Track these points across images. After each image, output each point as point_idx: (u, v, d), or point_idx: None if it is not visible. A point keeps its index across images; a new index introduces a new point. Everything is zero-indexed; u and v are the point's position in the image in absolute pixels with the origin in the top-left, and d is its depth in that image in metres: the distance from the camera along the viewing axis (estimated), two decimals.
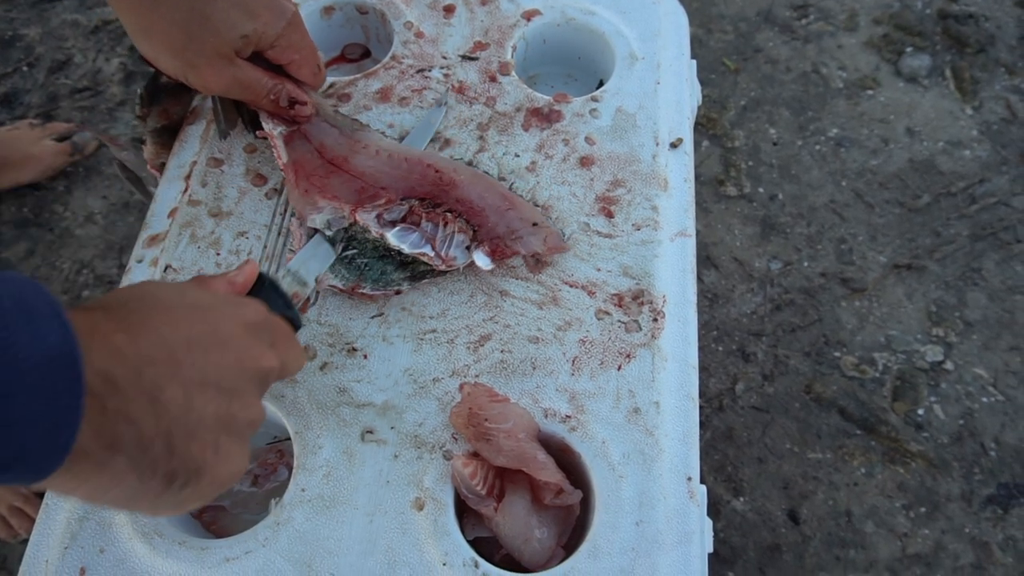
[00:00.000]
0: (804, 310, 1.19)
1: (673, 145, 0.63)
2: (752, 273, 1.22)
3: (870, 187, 1.29)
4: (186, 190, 0.61)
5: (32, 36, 1.44)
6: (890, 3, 1.48)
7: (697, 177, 1.30)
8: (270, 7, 0.54)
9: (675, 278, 0.57)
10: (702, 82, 0.70)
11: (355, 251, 0.55)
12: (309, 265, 0.53)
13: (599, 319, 0.55)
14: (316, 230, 0.56)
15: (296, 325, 0.46)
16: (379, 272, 0.55)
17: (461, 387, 0.52)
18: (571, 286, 0.56)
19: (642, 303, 0.55)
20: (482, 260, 0.55)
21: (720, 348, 1.16)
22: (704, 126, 1.35)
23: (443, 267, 0.55)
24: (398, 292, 0.55)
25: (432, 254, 0.54)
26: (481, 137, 0.63)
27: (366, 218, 0.55)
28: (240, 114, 0.63)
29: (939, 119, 1.36)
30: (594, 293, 0.56)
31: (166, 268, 0.57)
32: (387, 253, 0.55)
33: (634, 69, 0.67)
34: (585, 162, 0.62)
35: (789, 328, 1.17)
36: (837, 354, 1.15)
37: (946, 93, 1.38)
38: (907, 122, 1.35)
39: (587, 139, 0.63)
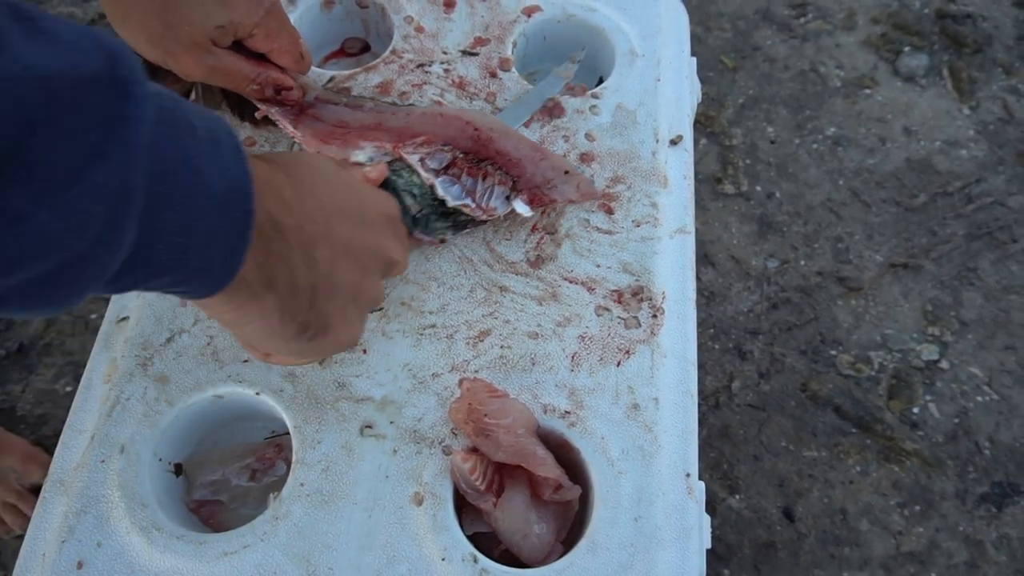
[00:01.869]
0: (800, 308, 1.19)
1: (673, 142, 0.63)
2: (749, 271, 1.22)
3: (867, 186, 1.30)
4: None
5: None
6: (888, 2, 1.48)
7: (695, 175, 1.30)
8: None
9: (674, 275, 0.57)
10: (700, 80, 0.70)
11: (403, 181, 0.54)
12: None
13: (599, 315, 0.55)
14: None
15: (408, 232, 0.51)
16: (425, 220, 0.55)
17: (460, 382, 0.52)
18: (571, 282, 0.56)
19: (641, 299, 0.55)
20: (522, 208, 0.57)
21: (717, 346, 1.16)
22: (702, 124, 1.35)
23: (483, 216, 0.55)
24: (442, 241, 0.56)
25: (473, 205, 0.55)
26: None
27: (410, 157, 0.55)
28: (225, 97, 0.62)
29: (936, 119, 1.36)
30: (594, 289, 0.56)
31: None
32: (432, 202, 0.55)
33: (634, 66, 0.67)
34: (585, 158, 0.62)
35: (785, 326, 1.17)
36: (833, 352, 1.15)
37: (943, 93, 1.39)
38: (904, 121, 1.36)
39: (587, 136, 0.63)
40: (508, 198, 0.56)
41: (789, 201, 1.28)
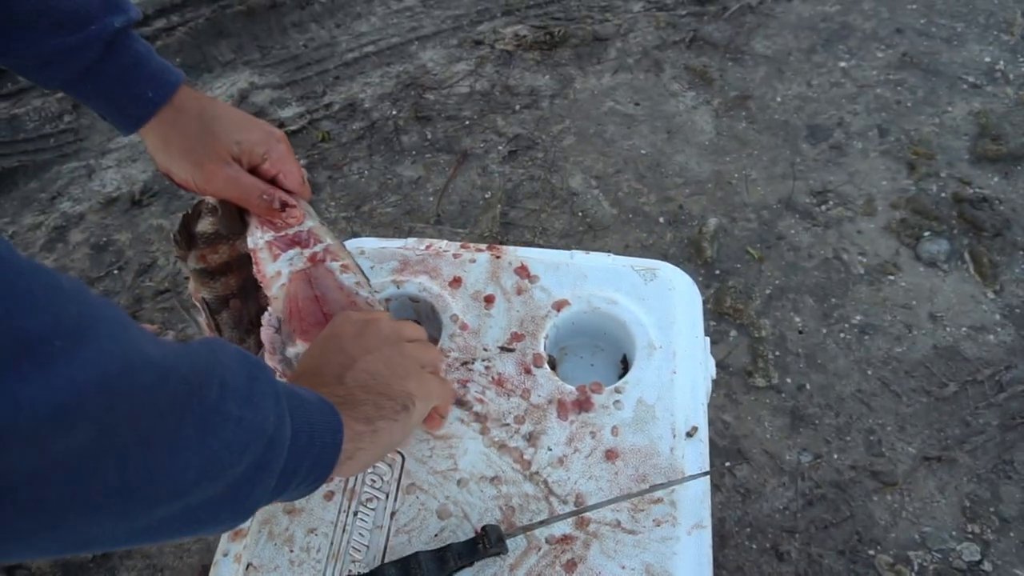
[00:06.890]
0: (836, 505, 1.22)
1: (689, 434, 0.71)
2: (783, 466, 1.26)
3: (896, 375, 1.34)
4: None
5: (123, 241, 1.62)
6: (906, 188, 1.57)
7: (726, 368, 1.37)
8: (260, 127, 0.72)
9: (692, 573, 0.64)
10: (727, 272, 0.79)
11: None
12: None
13: None
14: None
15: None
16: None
17: None
18: None
19: None
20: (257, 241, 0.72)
21: (754, 546, 1.19)
22: (731, 316, 1.43)
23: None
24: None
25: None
26: (517, 431, 0.71)
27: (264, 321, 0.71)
28: (233, 215, 0.75)
29: (961, 304, 1.41)
30: None
31: (248, 566, 0.66)
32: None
33: (652, 359, 0.75)
34: (610, 455, 0.70)
35: (822, 525, 1.20)
36: (871, 552, 1.17)
37: (966, 277, 1.44)
38: (929, 307, 1.41)
39: (613, 431, 0.71)
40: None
41: (820, 393, 1.33)
